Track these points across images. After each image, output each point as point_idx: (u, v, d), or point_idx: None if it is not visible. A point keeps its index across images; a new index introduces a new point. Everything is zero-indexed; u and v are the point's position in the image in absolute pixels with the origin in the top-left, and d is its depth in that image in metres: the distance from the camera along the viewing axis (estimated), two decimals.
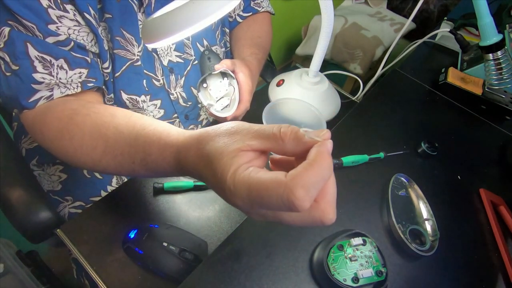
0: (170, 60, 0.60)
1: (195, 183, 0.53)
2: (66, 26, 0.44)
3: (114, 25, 0.50)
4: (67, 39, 0.45)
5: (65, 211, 0.59)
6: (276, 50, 1.80)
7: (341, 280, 0.40)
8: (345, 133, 0.62)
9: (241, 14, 0.75)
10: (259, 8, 0.76)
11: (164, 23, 0.33)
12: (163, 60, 0.58)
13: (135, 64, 0.55)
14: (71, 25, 0.45)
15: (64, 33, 0.44)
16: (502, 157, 0.66)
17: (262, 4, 0.76)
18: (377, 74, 0.78)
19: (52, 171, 0.61)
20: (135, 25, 0.52)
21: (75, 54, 0.46)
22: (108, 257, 0.45)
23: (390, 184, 0.52)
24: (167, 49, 0.59)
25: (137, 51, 0.54)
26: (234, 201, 0.25)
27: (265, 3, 0.78)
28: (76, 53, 0.46)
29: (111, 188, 0.61)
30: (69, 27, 0.45)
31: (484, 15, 0.61)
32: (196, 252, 0.45)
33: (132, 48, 0.53)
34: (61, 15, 0.44)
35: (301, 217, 0.25)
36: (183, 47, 0.61)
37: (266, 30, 0.77)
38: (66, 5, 0.44)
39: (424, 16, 1.65)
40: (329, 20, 0.53)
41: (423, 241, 0.48)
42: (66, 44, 0.45)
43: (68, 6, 0.44)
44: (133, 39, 0.53)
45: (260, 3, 0.76)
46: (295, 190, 0.22)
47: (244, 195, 0.24)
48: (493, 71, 0.67)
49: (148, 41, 0.36)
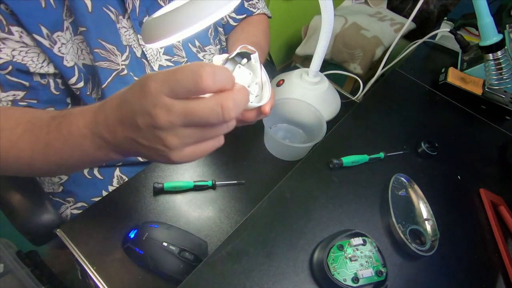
0: (161, 65, 0.59)
1: (195, 183, 0.53)
2: (10, 48, 0.42)
3: (91, 38, 0.48)
4: (5, 63, 0.42)
5: (67, 212, 0.59)
6: (276, 50, 1.79)
7: (341, 280, 0.40)
8: (345, 133, 0.62)
9: (234, 17, 0.71)
10: (254, 9, 0.72)
11: (164, 23, 0.33)
12: (154, 65, 0.57)
13: (121, 74, 0.53)
14: (16, 46, 0.43)
15: (7, 55, 0.42)
16: (502, 157, 0.66)
17: (257, 5, 0.72)
18: (377, 74, 0.78)
19: None
20: (116, 34, 0.51)
21: (11, 78, 0.44)
22: (108, 257, 0.45)
23: (390, 184, 0.52)
24: (156, 54, 0.58)
25: (121, 60, 0.53)
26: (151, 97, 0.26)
27: (261, 4, 0.73)
28: (12, 77, 0.44)
29: (112, 188, 0.61)
30: (14, 49, 0.43)
31: (484, 15, 0.61)
32: (196, 252, 0.45)
33: (116, 58, 0.52)
34: (5, 38, 0.42)
35: (205, 103, 0.26)
36: (172, 50, 0.60)
37: (262, 30, 0.72)
38: (12, 27, 0.42)
39: (424, 16, 1.65)
40: (329, 20, 0.53)
41: (423, 241, 0.48)
42: (3, 68, 0.43)
43: (14, 28, 0.42)
44: (115, 49, 0.51)
45: (255, 4, 0.72)
46: (205, 66, 0.25)
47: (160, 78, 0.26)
48: (493, 71, 0.67)
49: (148, 41, 0.36)
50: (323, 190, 0.52)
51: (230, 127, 0.30)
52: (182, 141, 0.28)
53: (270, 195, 0.50)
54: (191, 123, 0.27)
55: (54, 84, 0.49)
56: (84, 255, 0.45)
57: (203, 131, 0.29)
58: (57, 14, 0.44)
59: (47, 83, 0.48)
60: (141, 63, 0.56)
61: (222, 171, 0.57)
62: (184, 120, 0.27)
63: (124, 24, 0.51)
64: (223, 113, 0.26)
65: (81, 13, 0.46)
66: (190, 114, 0.26)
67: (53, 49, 0.45)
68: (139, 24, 0.52)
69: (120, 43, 0.52)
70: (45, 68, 0.46)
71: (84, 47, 0.49)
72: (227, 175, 0.56)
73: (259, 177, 0.57)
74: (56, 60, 0.46)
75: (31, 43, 0.44)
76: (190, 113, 0.26)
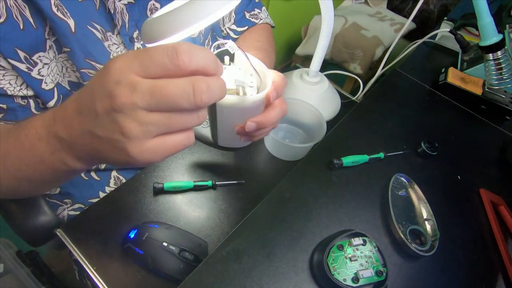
0: None
1: (195, 183, 0.53)
2: None
3: (76, 59, 0.46)
4: None
5: (64, 213, 0.59)
6: (276, 50, 1.80)
7: (341, 280, 0.40)
8: (345, 133, 0.62)
9: (235, 29, 0.66)
10: (256, 20, 0.67)
11: (164, 23, 0.33)
12: None
13: None
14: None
15: None
16: (502, 157, 0.66)
17: (259, 16, 0.68)
18: (377, 74, 0.78)
19: None
20: (105, 52, 0.48)
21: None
22: (108, 257, 0.45)
23: (390, 184, 0.52)
24: None
25: None
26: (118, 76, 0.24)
27: (263, 14, 0.69)
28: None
29: (109, 189, 0.61)
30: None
31: (484, 15, 0.61)
32: (196, 252, 0.45)
33: None
34: None
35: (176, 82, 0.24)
36: None
37: (265, 36, 0.68)
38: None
39: (424, 16, 1.65)
40: (329, 20, 0.53)
41: (423, 241, 0.48)
42: None
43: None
44: None
45: (258, 14, 0.68)
46: (182, 43, 0.23)
47: (130, 55, 0.24)
48: (493, 71, 0.67)
49: (148, 41, 0.36)
50: (323, 190, 0.52)
51: (200, 118, 0.26)
52: (144, 129, 0.24)
53: (270, 195, 0.50)
54: (157, 106, 0.24)
55: (34, 104, 0.47)
56: (84, 255, 0.45)
57: (170, 119, 0.25)
58: (38, 34, 0.42)
59: (27, 104, 0.47)
60: None
61: (222, 171, 0.57)
62: (149, 100, 0.23)
63: (115, 41, 0.49)
64: (194, 95, 0.24)
65: (63, 33, 0.43)
66: (157, 94, 0.23)
67: (31, 73, 0.43)
68: (129, 39, 0.50)
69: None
70: (23, 91, 0.45)
71: (69, 65, 0.48)
72: (227, 175, 0.56)
73: (259, 177, 0.57)
74: (34, 83, 0.44)
75: (8, 66, 0.42)
76: (157, 93, 0.23)
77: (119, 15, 0.48)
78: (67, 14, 0.43)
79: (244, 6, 0.67)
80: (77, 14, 0.44)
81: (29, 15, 0.41)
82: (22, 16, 0.40)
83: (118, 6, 0.47)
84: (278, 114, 0.38)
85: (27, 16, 0.41)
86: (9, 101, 0.44)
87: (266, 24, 0.71)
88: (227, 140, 0.44)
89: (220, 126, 0.39)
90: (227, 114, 0.37)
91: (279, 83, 0.36)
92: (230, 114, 0.37)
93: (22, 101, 0.46)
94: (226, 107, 0.35)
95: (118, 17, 0.48)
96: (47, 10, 0.41)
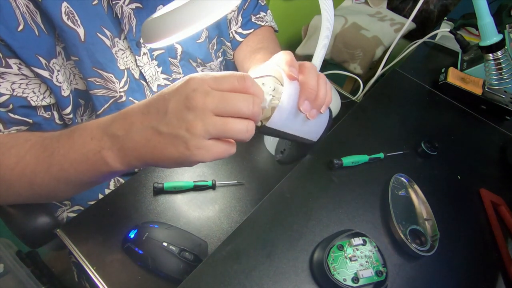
0: (159, 85, 0.57)
1: (195, 183, 0.53)
2: (9, 82, 0.40)
3: (84, 68, 0.46)
4: (7, 100, 0.41)
5: (63, 215, 0.59)
6: None
7: (341, 280, 0.40)
8: (345, 133, 0.62)
9: (241, 32, 0.68)
10: (262, 22, 0.70)
11: (164, 23, 0.33)
12: (152, 86, 0.56)
13: (119, 101, 0.52)
14: (16, 79, 0.41)
15: (7, 89, 0.40)
16: (502, 157, 0.66)
17: (265, 19, 0.70)
18: (377, 74, 0.78)
19: None
20: (112, 60, 0.48)
21: (13, 116, 0.42)
22: (108, 257, 0.45)
23: (390, 184, 0.52)
24: (155, 74, 0.56)
25: (119, 87, 0.51)
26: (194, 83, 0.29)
27: (269, 17, 0.71)
28: (15, 115, 0.42)
29: (108, 191, 0.61)
30: (13, 82, 0.41)
31: (484, 15, 0.61)
32: (196, 252, 0.45)
33: (113, 85, 0.50)
34: (3, 72, 0.40)
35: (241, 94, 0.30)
36: (169, 68, 0.58)
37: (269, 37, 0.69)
38: (10, 60, 0.40)
39: (424, 16, 1.65)
40: (329, 20, 0.53)
41: (423, 241, 0.48)
42: (5, 106, 0.41)
43: (11, 60, 0.40)
44: (112, 77, 0.49)
45: (263, 17, 0.70)
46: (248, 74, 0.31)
47: (207, 74, 0.30)
48: (493, 71, 0.67)
49: (149, 41, 0.36)
50: (323, 190, 0.52)
51: (249, 132, 0.31)
52: (206, 128, 0.29)
53: (270, 195, 0.50)
54: (223, 109, 0.29)
55: (58, 115, 0.48)
56: (84, 255, 0.45)
57: (227, 125, 0.30)
58: (50, 41, 0.42)
59: (51, 116, 0.47)
60: (140, 85, 0.55)
61: (222, 171, 0.57)
62: (218, 103, 0.29)
63: (121, 46, 0.49)
64: (253, 105, 0.30)
65: (72, 43, 0.43)
66: (226, 100, 0.29)
67: (53, 79, 0.44)
68: (136, 45, 0.50)
69: (117, 69, 0.50)
70: (47, 100, 0.45)
71: (77, 72, 0.47)
72: (227, 175, 0.56)
73: (259, 177, 0.57)
74: (56, 90, 0.45)
75: (31, 74, 0.42)
76: (226, 99, 0.29)
77: (127, 20, 0.48)
78: (77, 22, 0.43)
79: (251, 9, 0.69)
80: (88, 19, 0.44)
81: (40, 21, 0.41)
82: (35, 22, 0.40)
83: (126, 11, 0.47)
84: (310, 74, 0.37)
85: (38, 22, 0.41)
86: (34, 114, 0.45)
87: (269, 27, 0.72)
88: (311, 133, 0.44)
89: (291, 131, 0.38)
90: (285, 121, 0.36)
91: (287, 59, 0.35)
92: (285, 118, 0.35)
93: (46, 114, 0.46)
94: (277, 119, 0.34)
95: (125, 21, 0.48)
96: (56, 19, 0.41)
